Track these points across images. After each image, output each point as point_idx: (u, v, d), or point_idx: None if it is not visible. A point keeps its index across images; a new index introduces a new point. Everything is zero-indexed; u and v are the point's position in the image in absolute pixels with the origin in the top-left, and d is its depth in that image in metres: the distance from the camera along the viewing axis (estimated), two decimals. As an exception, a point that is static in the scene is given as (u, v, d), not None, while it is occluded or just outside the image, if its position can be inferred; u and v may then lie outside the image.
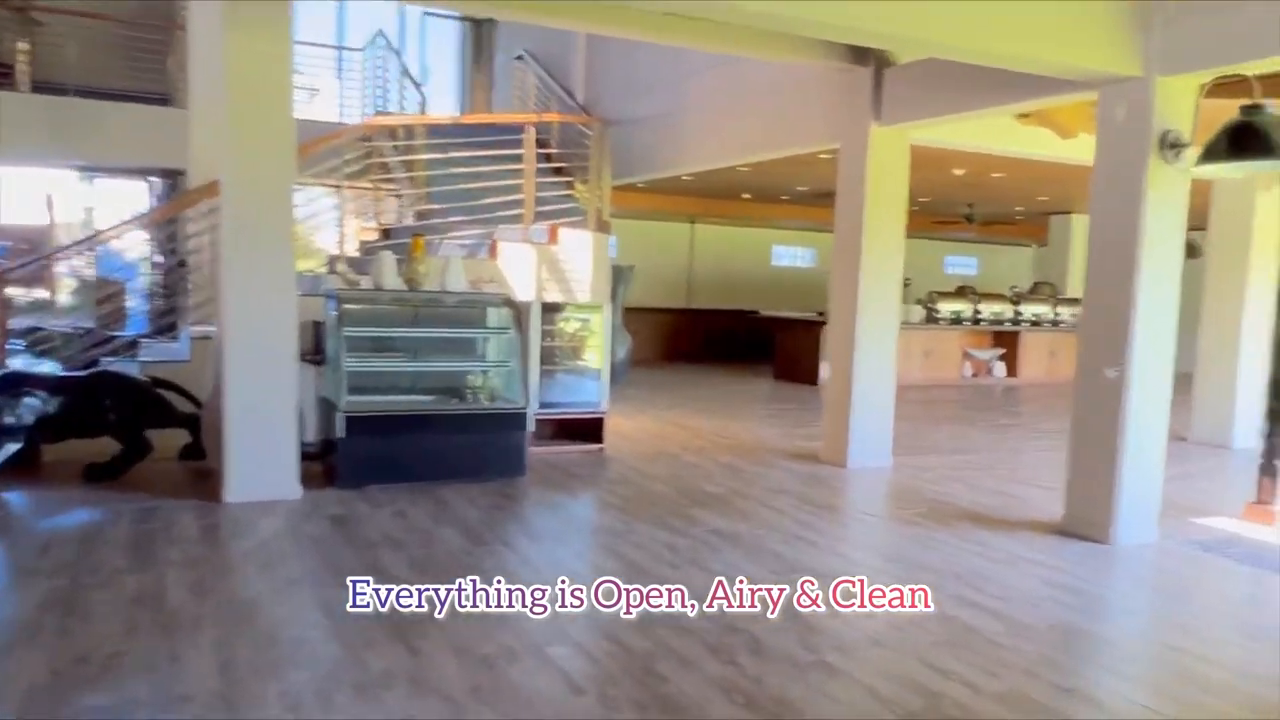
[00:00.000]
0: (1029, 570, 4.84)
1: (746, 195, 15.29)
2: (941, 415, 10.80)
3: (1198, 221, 10.05)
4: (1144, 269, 5.31)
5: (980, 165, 10.91)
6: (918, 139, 7.48)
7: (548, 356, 7.61)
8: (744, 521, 5.58)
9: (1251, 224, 9.03)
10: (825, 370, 13.33)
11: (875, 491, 6.68)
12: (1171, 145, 5.28)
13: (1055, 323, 15.01)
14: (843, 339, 7.45)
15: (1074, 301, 15.36)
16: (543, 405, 7.48)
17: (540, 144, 10.12)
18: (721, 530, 5.36)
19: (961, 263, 21.64)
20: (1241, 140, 4.88)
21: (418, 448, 6.20)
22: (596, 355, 7.82)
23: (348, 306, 6.27)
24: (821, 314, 15.03)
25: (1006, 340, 14.88)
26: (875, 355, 7.42)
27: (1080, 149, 8.39)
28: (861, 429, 7.40)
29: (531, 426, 6.65)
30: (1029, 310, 14.82)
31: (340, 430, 5.95)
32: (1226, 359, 9.21)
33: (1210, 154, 5.00)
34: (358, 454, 6.04)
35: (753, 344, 17.16)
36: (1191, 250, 6.42)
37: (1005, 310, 14.61)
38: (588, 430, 7.74)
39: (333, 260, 8.16)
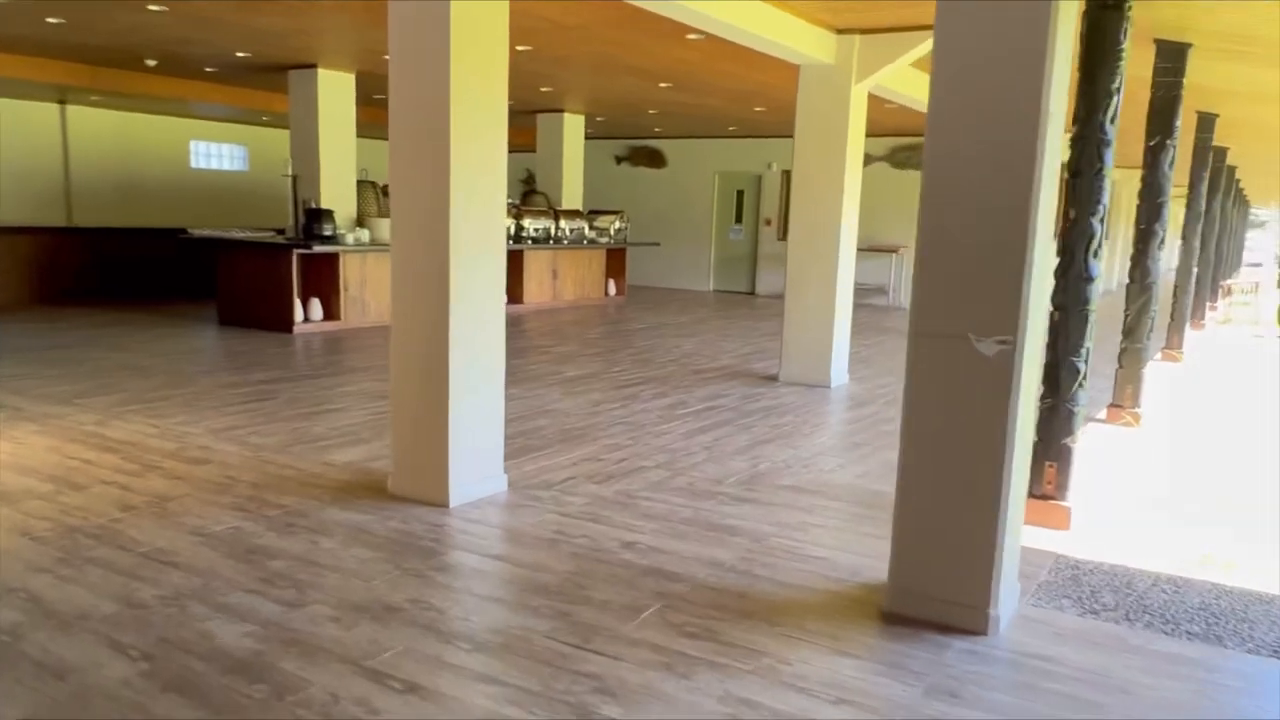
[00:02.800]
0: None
1: (152, 62, 10.65)
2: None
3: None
4: (1044, 177, 3.03)
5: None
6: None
7: None
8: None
9: (846, 132, 7.56)
10: (326, 303, 9.82)
11: (541, 569, 3.69)
12: (1074, -57, 3.04)
13: (557, 239, 13.05)
14: (423, 280, 4.24)
15: (574, 214, 13.57)
16: None
17: None
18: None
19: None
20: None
21: None
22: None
23: None
24: (282, 232, 11.25)
25: (510, 260, 12.54)
26: (482, 306, 4.37)
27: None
28: (468, 437, 4.35)
29: None
30: (530, 224, 12.64)
31: None
32: (823, 297, 7.76)
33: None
34: None
35: (180, 276, 12.68)
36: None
37: (506, 224, 12.21)
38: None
39: None
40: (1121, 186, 21.85)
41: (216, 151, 14.65)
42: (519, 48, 8.79)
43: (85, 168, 13.12)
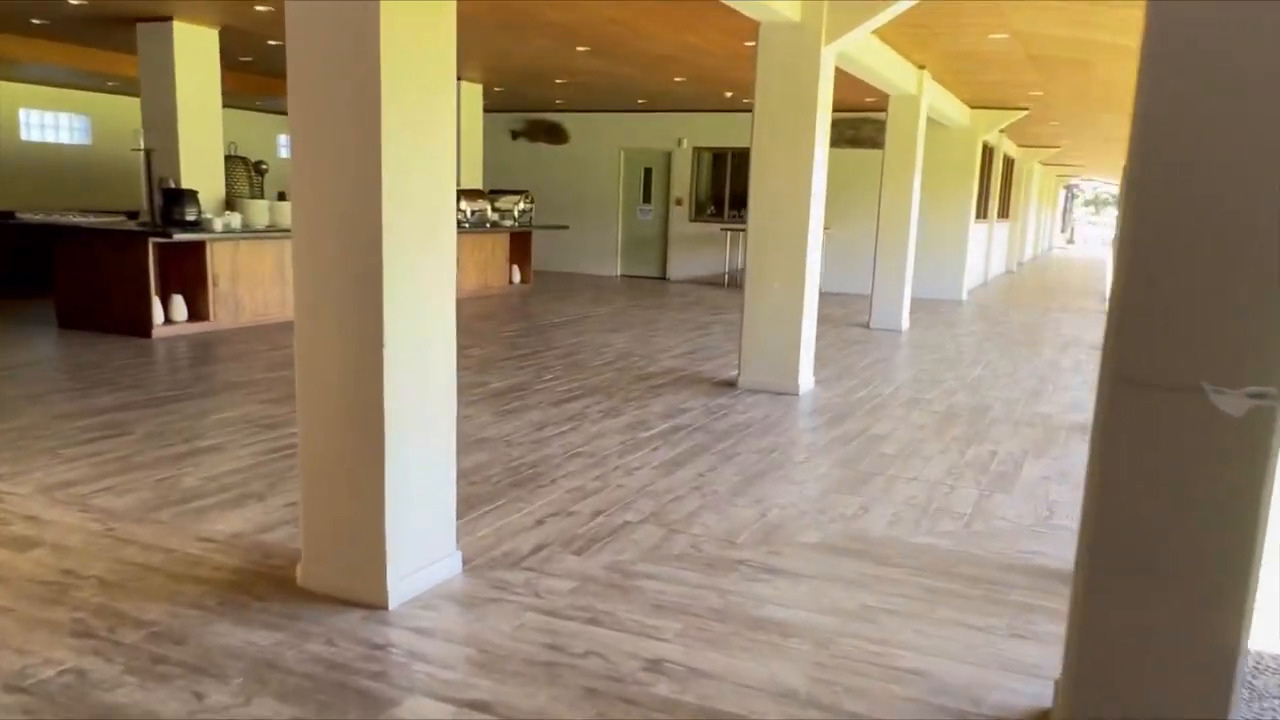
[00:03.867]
0: None
1: (-33, 14, 8.83)
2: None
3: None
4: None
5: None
6: None
7: None
8: None
9: (815, 101, 6.57)
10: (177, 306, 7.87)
11: None
12: None
13: (457, 224, 11.71)
14: (342, 287, 3.02)
15: (475, 194, 12.27)
16: None
17: None
18: None
19: (295, 144, 17.03)
20: None
21: None
22: None
23: None
24: (135, 215, 9.62)
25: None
26: (428, 320, 3.17)
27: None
28: (411, 506, 3.15)
29: None
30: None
31: None
32: (790, 292, 6.78)
33: None
34: None
35: (10, 268, 10.78)
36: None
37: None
38: None
39: None
40: (1023, 164, 21.78)
41: (52, 122, 12.66)
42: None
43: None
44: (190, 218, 8.28)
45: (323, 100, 2.98)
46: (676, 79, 11.68)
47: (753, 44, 8.86)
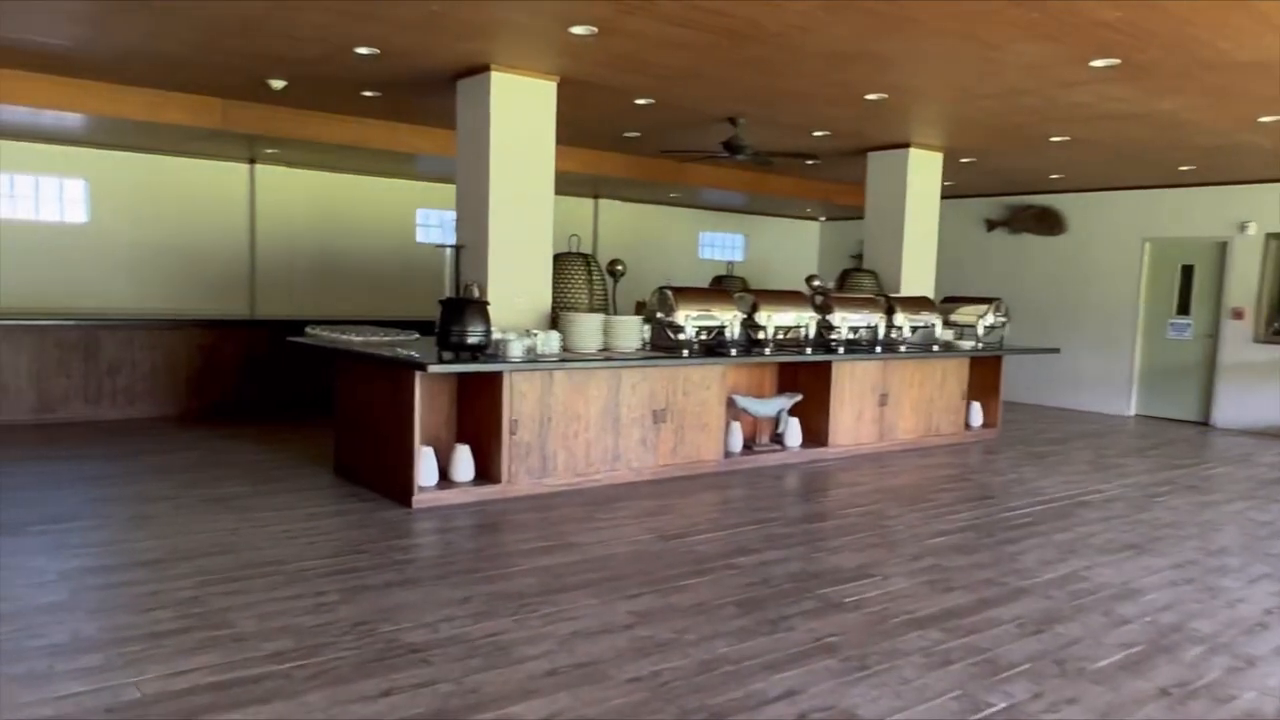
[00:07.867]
0: None
1: (279, 84, 7.42)
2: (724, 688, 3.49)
3: None
4: None
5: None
6: None
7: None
8: None
9: None
10: None
11: None
12: None
13: (888, 344, 8.18)
14: None
15: (918, 304, 8.63)
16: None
17: None
18: None
19: (723, 242, 14.81)
20: None
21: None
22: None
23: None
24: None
25: (807, 376, 7.92)
26: None
27: None
28: None
29: None
30: (845, 319, 7.89)
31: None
32: None
33: None
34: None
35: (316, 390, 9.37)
36: None
37: (803, 319, 7.56)
38: None
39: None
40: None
41: (438, 220, 11.52)
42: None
43: (273, 240, 10.38)
44: (473, 340, 5.78)
45: None
46: (1262, 119, 7.16)
47: None
